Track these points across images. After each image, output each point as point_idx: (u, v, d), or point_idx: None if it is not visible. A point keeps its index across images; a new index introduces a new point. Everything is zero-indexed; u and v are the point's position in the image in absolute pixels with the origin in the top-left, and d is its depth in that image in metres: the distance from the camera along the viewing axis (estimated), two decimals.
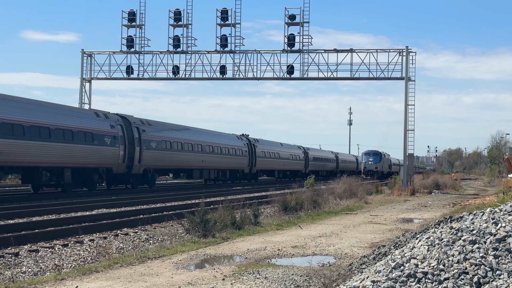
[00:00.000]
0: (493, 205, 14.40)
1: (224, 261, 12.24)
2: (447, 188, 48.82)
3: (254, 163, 57.02)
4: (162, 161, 40.13)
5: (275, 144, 66.69)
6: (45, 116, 29.37)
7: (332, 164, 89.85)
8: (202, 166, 46.12)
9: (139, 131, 37.10)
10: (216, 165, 48.76)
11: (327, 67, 44.98)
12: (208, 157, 46.93)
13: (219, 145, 49.58)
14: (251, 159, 56.32)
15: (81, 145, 31.45)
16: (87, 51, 48.17)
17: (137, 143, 36.42)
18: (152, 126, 39.50)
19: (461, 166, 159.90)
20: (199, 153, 45.51)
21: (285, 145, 70.30)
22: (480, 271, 6.39)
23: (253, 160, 56.79)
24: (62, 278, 10.14)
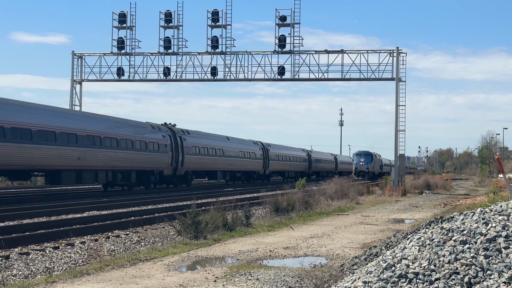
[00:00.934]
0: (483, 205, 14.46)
1: (215, 263, 12.22)
2: (438, 188, 48.96)
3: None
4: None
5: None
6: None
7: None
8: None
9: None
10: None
11: (318, 68, 45.10)
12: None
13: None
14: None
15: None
16: (77, 52, 48.03)
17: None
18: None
19: (452, 166, 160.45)
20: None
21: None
22: (471, 271, 6.42)
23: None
24: (53, 281, 10.10)
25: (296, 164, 73.98)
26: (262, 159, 61.72)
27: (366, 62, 44.53)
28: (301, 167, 75.85)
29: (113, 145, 35.22)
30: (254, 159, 59.29)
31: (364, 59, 44.65)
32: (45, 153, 29.43)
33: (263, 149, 62.48)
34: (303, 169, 76.42)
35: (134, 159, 37.34)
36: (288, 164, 70.89)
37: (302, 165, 76.26)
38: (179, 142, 43.13)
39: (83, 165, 32.39)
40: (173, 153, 42.12)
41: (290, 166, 71.59)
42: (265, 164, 62.39)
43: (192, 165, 45.25)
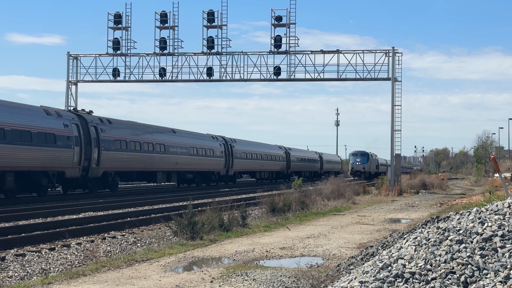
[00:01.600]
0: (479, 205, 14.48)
1: (212, 263, 12.21)
2: (434, 188, 49.04)
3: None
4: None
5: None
6: None
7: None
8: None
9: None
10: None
11: (314, 68, 45.14)
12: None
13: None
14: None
15: None
16: (73, 53, 47.97)
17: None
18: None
19: (448, 166, 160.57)
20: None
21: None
22: (467, 270, 6.42)
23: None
24: (49, 282, 10.08)
25: (270, 163, 66.80)
26: (224, 157, 52.93)
27: (361, 62, 44.61)
28: (277, 166, 69.51)
29: None
30: (212, 157, 50.41)
31: (359, 59, 44.73)
32: None
33: (225, 145, 53.84)
34: (280, 169, 70.58)
35: None
36: (260, 163, 63.12)
37: (278, 165, 69.87)
38: (95, 134, 34.15)
39: None
40: (84, 149, 33.14)
41: (262, 166, 64.06)
42: (228, 163, 53.84)
43: (116, 163, 36.09)
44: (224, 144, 53.92)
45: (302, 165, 79.82)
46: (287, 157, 72.65)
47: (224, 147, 53.62)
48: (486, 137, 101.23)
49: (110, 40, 46.56)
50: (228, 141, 55.11)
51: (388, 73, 44.53)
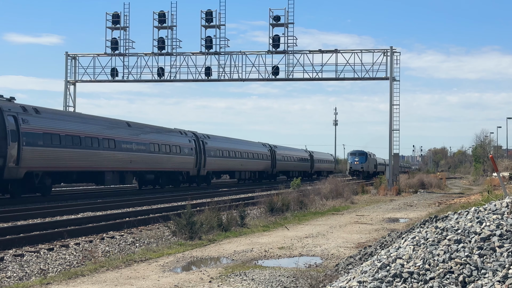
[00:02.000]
0: (478, 204, 14.50)
1: (210, 263, 12.22)
2: (433, 187, 49.07)
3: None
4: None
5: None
6: None
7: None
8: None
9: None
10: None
11: (312, 67, 45.10)
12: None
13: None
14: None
15: None
16: (71, 53, 47.93)
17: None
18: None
19: (446, 165, 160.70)
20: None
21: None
22: (465, 270, 6.43)
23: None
24: (47, 282, 10.08)
25: (252, 162, 60.82)
26: (195, 155, 47.18)
27: (360, 62, 44.58)
28: (260, 165, 63.64)
29: None
30: (179, 154, 44.73)
31: (358, 58, 44.72)
32: None
33: (195, 141, 48.07)
34: (264, 168, 64.97)
35: None
36: (240, 162, 57.24)
37: (262, 164, 64.03)
38: (15, 126, 28.16)
39: None
40: None
41: (242, 165, 58.07)
42: (200, 161, 48.04)
43: (44, 161, 30.04)
44: (195, 140, 47.88)
45: (289, 164, 75.00)
46: (272, 156, 67.30)
47: (195, 144, 47.50)
48: (484, 136, 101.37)
49: (108, 40, 46.55)
50: (200, 137, 49.17)
51: (386, 72, 44.53)
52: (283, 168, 72.23)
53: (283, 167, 71.99)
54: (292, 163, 76.10)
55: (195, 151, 47.38)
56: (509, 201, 7.95)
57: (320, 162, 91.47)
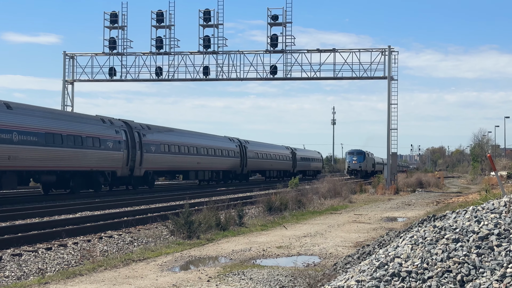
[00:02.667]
0: (476, 203, 14.51)
1: (209, 263, 12.22)
2: (431, 186, 49.12)
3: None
4: None
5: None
6: None
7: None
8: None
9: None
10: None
11: (310, 67, 45.06)
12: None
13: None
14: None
15: None
16: (69, 53, 47.88)
17: None
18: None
19: (444, 164, 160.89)
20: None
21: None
22: (463, 269, 6.44)
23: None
24: (45, 282, 10.07)
25: (215, 161, 52.06)
26: (126, 149, 37.31)
27: (358, 61, 44.57)
28: (224, 164, 54.58)
29: None
30: (104, 150, 34.97)
31: (356, 58, 44.70)
32: None
33: (128, 133, 38.10)
34: (231, 167, 56.07)
35: None
36: (197, 159, 47.96)
37: (227, 162, 55.13)
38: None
39: None
40: None
41: (200, 163, 48.36)
42: (134, 158, 38.43)
43: None
44: (127, 131, 38.40)
45: (265, 163, 65.83)
46: (242, 152, 58.52)
47: (126, 135, 38.15)
48: (482, 135, 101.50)
49: (106, 40, 46.45)
50: (136, 127, 40.07)
51: (384, 71, 44.54)
52: (257, 167, 63.85)
53: (257, 165, 63.40)
54: (268, 161, 67.06)
55: (124, 144, 37.50)
56: (507, 200, 7.96)
57: (305, 160, 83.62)
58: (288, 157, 74.95)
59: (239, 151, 58.06)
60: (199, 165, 48.72)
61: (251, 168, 61.47)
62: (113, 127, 37.40)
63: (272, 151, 69.39)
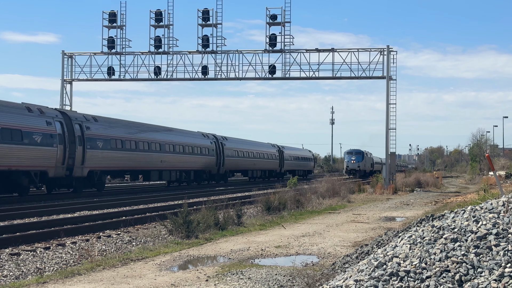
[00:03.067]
0: (474, 203, 14.52)
1: (207, 262, 12.22)
2: (429, 186, 49.14)
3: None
4: None
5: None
6: None
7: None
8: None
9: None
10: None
11: (309, 66, 45.08)
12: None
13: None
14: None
15: None
16: (67, 52, 47.84)
17: None
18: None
19: (443, 164, 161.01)
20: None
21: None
22: (461, 269, 6.44)
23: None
24: (44, 281, 10.06)
25: (184, 159, 45.90)
26: (61, 144, 31.14)
27: (356, 61, 44.60)
28: (197, 163, 48.25)
29: None
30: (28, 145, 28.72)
31: (354, 57, 44.73)
32: None
33: (66, 125, 32.00)
34: (204, 167, 49.49)
35: None
36: (160, 157, 41.93)
37: (201, 161, 48.93)
38: None
39: None
40: None
41: (164, 161, 42.53)
42: (73, 156, 32.04)
43: None
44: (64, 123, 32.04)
45: (246, 162, 59.10)
46: (219, 151, 52.24)
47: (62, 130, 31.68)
48: (480, 135, 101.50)
49: (105, 39, 46.42)
50: (77, 120, 33.69)
51: (383, 71, 44.56)
52: (236, 166, 57.33)
53: (236, 165, 56.91)
54: (251, 160, 60.42)
55: (59, 138, 31.11)
56: (506, 200, 7.96)
57: (294, 159, 77.56)
58: (274, 156, 68.84)
59: (215, 149, 51.97)
60: (163, 163, 42.60)
61: (230, 167, 55.13)
62: (43, 117, 30.68)
63: (255, 149, 62.75)
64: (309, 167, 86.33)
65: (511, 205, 7.75)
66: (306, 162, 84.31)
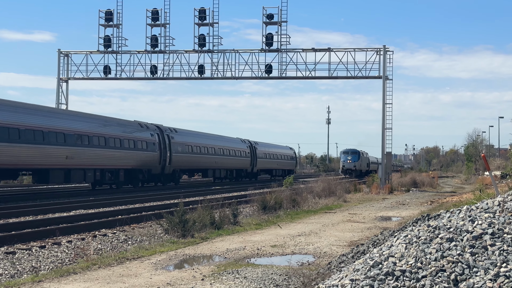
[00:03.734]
0: (469, 203, 14.54)
1: (203, 261, 12.21)
2: (425, 186, 49.21)
3: None
4: None
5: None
6: None
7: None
8: None
9: None
10: None
11: (305, 66, 45.10)
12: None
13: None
14: None
15: None
16: (63, 51, 47.77)
17: None
18: None
19: (438, 164, 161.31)
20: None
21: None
22: (457, 268, 6.45)
23: None
24: (39, 280, 10.04)
25: (130, 155, 38.90)
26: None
27: (353, 60, 44.65)
28: (132, 160, 39.27)
29: None
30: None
31: (351, 57, 44.78)
32: None
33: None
34: (141, 165, 40.39)
35: None
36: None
37: (138, 158, 40.03)
38: None
39: None
40: None
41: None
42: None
43: None
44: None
45: (203, 160, 49.61)
46: (163, 145, 43.26)
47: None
48: (476, 135, 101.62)
49: (101, 38, 46.36)
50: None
51: (379, 71, 44.61)
52: (189, 165, 47.90)
53: (189, 163, 47.52)
54: (211, 157, 50.99)
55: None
56: (501, 200, 7.98)
57: (271, 157, 67.82)
58: (244, 153, 59.36)
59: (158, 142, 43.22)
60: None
61: (179, 166, 45.94)
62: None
63: (217, 144, 53.47)
64: (289, 167, 76.78)
65: (506, 205, 7.77)
66: (285, 161, 74.64)
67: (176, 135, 45.95)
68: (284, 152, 75.48)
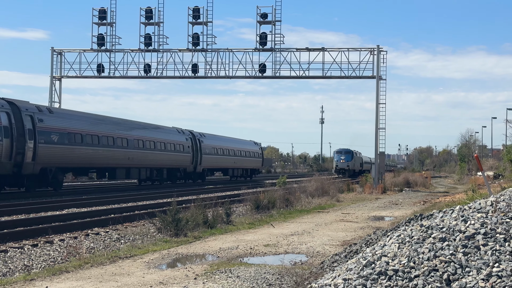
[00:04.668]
0: (462, 203, 14.58)
1: (196, 260, 12.19)
2: (418, 186, 49.29)
3: None
4: None
5: None
6: None
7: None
8: None
9: None
10: None
11: (299, 65, 45.13)
12: None
13: None
14: None
15: None
16: (57, 49, 47.64)
17: None
18: None
19: (432, 164, 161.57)
20: None
21: None
22: (449, 268, 6.46)
23: None
24: (31, 278, 10.01)
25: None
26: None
27: (346, 60, 44.67)
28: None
29: None
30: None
31: (344, 57, 44.82)
32: None
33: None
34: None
35: None
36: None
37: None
38: None
39: None
40: None
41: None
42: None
43: None
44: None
45: (111, 154, 37.25)
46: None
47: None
48: (469, 135, 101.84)
49: (95, 36, 46.26)
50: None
51: (373, 71, 44.67)
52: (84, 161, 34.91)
53: (81, 159, 34.38)
54: (126, 151, 39.02)
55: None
56: (494, 200, 8.00)
57: (223, 153, 55.61)
58: (182, 147, 47.36)
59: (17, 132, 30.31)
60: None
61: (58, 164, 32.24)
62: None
63: (138, 135, 41.39)
64: (253, 165, 64.50)
65: (499, 205, 7.79)
66: (247, 158, 62.54)
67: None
68: (246, 148, 62.76)
